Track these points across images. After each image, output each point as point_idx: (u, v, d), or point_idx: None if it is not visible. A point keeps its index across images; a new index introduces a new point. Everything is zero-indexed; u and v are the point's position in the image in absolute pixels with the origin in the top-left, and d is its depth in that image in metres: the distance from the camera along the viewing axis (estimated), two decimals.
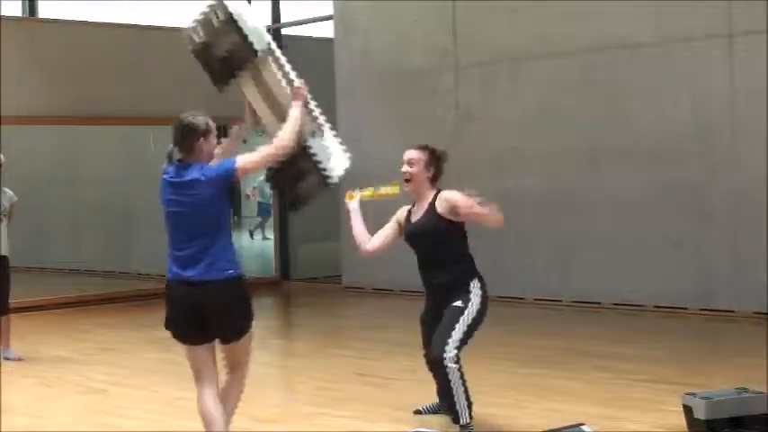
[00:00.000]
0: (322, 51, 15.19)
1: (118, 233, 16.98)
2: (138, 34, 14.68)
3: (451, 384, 6.39)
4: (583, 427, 5.14)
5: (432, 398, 7.02)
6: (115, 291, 14.43)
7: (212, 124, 5.67)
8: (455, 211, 6.63)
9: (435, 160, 6.77)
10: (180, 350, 5.77)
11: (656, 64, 11.62)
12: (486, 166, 13.00)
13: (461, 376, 6.44)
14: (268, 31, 16.23)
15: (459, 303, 6.64)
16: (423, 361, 9.34)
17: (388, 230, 6.92)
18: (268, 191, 10.60)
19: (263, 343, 11.08)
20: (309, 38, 16.37)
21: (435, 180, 6.80)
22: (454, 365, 6.41)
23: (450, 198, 6.64)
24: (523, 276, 12.70)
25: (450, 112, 13.51)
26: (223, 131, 6.05)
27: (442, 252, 6.79)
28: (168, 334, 5.71)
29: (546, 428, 5.30)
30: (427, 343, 6.79)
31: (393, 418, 6.90)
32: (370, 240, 6.84)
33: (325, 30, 15.62)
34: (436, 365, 6.54)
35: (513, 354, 9.43)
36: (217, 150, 5.78)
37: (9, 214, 9.58)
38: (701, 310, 11.19)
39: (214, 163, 5.64)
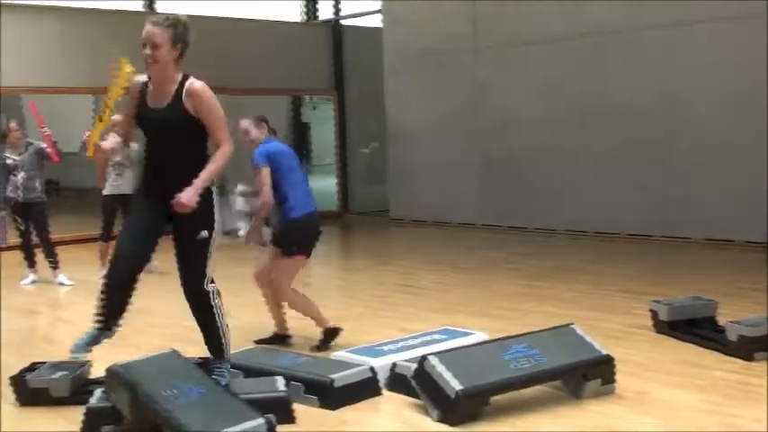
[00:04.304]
0: (373, 38, 15.12)
1: None
2: (229, 24, 14.69)
3: (216, 320, 4.70)
4: (572, 326, 5.14)
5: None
6: None
7: None
8: (203, 116, 4.47)
9: (182, 33, 4.51)
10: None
11: (631, 46, 11.47)
12: (497, 127, 13.01)
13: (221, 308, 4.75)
14: (329, 22, 16.26)
15: (204, 233, 4.54)
16: (447, 273, 9.47)
17: (129, 116, 4.70)
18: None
19: (328, 261, 11.21)
20: (363, 27, 16.29)
21: (181, 58, 4.54)
22: (218, 301, 4.73)
23: (204, 100, 4.46)
24: (526, 211, 12.69)
25: (469, 85, 13.44)
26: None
27: (183, 152, 4.49)
28: None
29: (543, 327, 5.32)
30: (125, 251, 4.55)
31: (428, 319, 6.96)
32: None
33: (375, 21, 15.51)
34: (194, 300, 4.67)
35: (517, 271, 9.46)
36: None
37: (136, 162, 9.58)
38: (663, 237, 11.13)
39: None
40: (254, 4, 15.52)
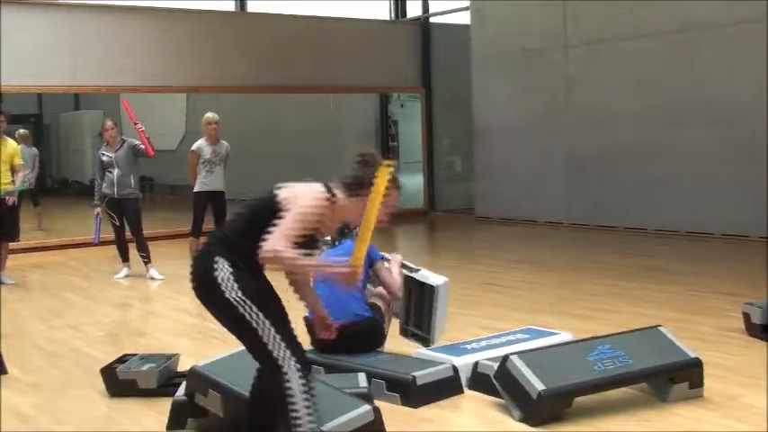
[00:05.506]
0: (461, 36, 15.06)
1: None
2: (318, 23, 14.81)
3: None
4: (660, 328, 5.02)
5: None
6: None
7: None
8: None
9: None
10: None
11: (725, 41, 11.16)
12: (587, 124, 12.82)
13: None
14: (417, 20, 16.29)
15: None
16: (533, 272, 9.36)
17: None
18: None
19: (415, 259, 11.17)
20: (451, 25, 16.23)
21: None
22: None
23: None
24: (616, 210, 12.46)
25: (559, 82, 13.26)
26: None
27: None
28: None
29: (630, 328, 5.21)
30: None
31: (512, 319, 6.89)
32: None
33: (463, 18, 15.44)
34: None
35: (605, 270, 9.28)
36: None
37: (226, 160, 9.73)
38: (760, 237, 10.77)
39: None
40: (343, 3, 15.64)
